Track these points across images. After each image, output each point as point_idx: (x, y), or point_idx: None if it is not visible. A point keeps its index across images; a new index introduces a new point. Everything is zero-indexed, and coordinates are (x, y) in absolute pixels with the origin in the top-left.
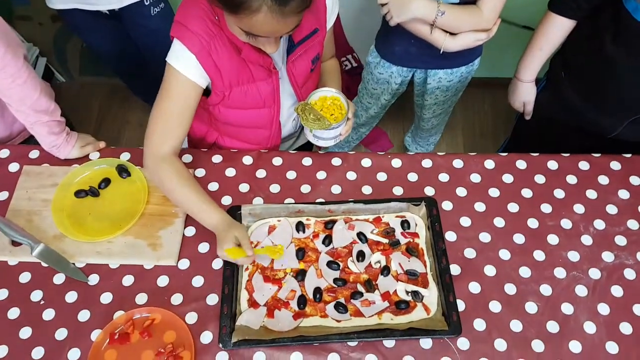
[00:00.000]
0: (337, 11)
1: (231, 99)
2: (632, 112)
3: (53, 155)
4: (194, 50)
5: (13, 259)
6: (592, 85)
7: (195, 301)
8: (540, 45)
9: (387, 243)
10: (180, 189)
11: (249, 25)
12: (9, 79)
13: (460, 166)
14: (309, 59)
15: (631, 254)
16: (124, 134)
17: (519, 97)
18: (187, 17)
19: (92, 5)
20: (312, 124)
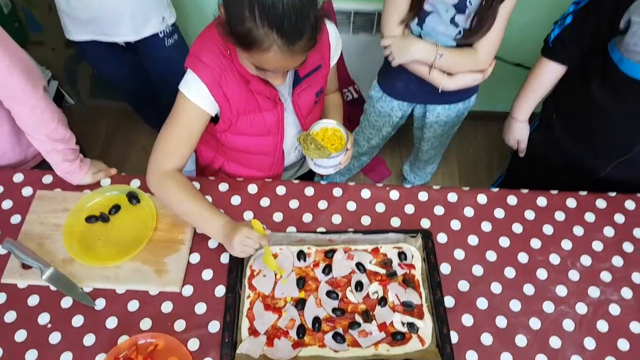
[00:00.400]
0: (340, 50)
1: (238, 126)
2: (619, 155)
3: (66, 180)
4: (205, 81)
5: (23, 282)
6: (581, 128)
7: (198, 328)
8: (533, 87)
9: (384, 274)
10: (184, 201)
11: (259, 61)
12: (28, 109)
13: (454, 200)
14: (313, 92)
15: (616, 289)
16: (130, 158)
17: (512, 134)
18: (201, 50)
19: (110, 37)
20: (313, 152)
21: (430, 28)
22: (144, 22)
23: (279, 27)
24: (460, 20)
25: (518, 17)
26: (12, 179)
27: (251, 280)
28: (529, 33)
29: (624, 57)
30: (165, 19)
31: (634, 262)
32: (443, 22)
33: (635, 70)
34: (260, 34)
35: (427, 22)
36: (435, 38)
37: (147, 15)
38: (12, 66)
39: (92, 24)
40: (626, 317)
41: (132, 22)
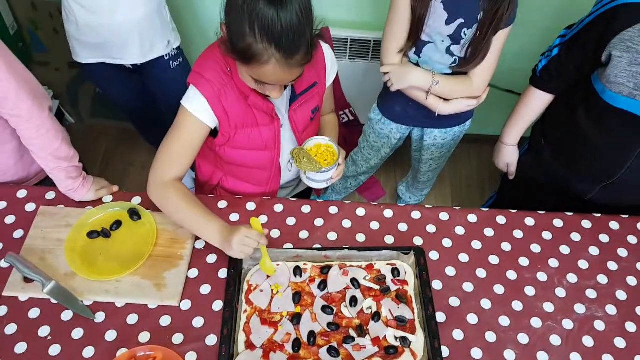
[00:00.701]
0: (335, 71)
1: (236, 140)
2: (604, 179)
3: (69, 197)
4: (206, 95)
5: (24, 295)
6: (568, 154)
7: (195, 341)
8: (522, 114)
9: (378, 289)
10: (183, 209)
11: (258, 74)
12: (33, 129)
13: (446, 219)
14: (309, 109)
15: (601, 306)
16: (128, 176)
17: (502, 158)
18: (203, 67)
19: (117, 60)
20: (305, 166)
21: (427, 57)
22: (150, 46)
23: (278, 42)
24: (456, 50)
25: (509, 45)
26: (15, 194)
27: (248, 295)
28: (519, 61)
29: (605, 88)
30: (171, 43)
31: (618, 280)
32: (439, 52)
33: (617, 100)
34: (259, 48)
35: (425, 52)
36: (432, 66)
37: (154, 39)
38: (20, 87)
39: (101, 48)
40: (611, 333)
41: (139, 47)
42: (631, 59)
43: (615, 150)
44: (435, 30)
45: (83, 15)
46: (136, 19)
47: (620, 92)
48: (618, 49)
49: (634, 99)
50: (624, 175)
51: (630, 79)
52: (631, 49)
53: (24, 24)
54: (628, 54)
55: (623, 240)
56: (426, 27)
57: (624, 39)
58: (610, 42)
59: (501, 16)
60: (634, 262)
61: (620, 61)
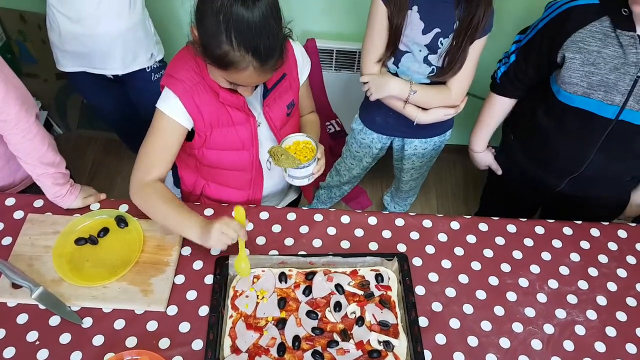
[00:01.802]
0: (308, 66)
1: (212, 140)
2: (569, 173)
3: (56, 204)
4: (178, 94)
5: (12, 301)
6: (534, 150)
7: (182, 346)
8: (487, 121)
9: (362, 295)
10: (162, 207)
11: (234, 78)
12: (20, 134)
13: (429, 226)
14: (284, 104)
15: (581, 311)
16: (116, 186)
17: (479, 164)
18: (174, 69)
19: (99, 70)
20: (284, 162)
21: (405, 67)
22: (133, 58)
23: (255, 50)
24: (433, 59)
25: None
26: (4, 202)
27: (234, 301)
28: None
29: (560, 89)
30: (154, 56)
31: (599, 286)
32: (417, 61)
33: (572, 100)
34: (236, 56)
35: (403, 61)
36: (410, 76)
37: (137, 51)
38: (8, 92)
39: (83, 58)
40: (591, 337)
41: (121, 58)
42: (583, 60)
43: (576, 147)
44: (412, 40)
45: (66, 24)
46: (119, 30)
47: (575, 92)
48: (571, 50)
49: (589, 97)
50: (587, 169)
51: (584, 78)
52: (583, 49)
53: (13, 36)
54: (580, 55)
55: (603, 247)
56: (403, 37)
57: (575, 41)
58: (564, 44)
59: (476, 25)
60: (614, 268)
61: (573, 62)
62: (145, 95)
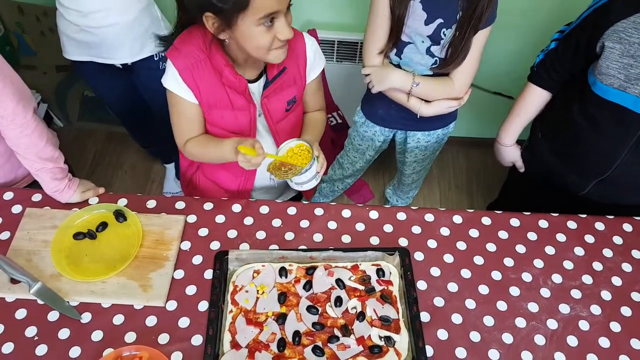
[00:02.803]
0: (321, 65)
1: (210, 117)
2: (597, 175)
3: (55, 199)
4: (177, 66)
5: (11, 296)
6: (563, 148)
7: (181, 341)
8: (518, 112)
9: (363, 290)
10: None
11: (261, 5)
12: (18, 129)
13: (431, 220)
14: (285, 99)
15: (585, 306)
16: (116, 179)
17: (503, 158)
18: (181, 42)
19: (107, 60)
20: (286, 174)
21: (407, 58)
22: (140, 46)
23: None
24: (436, 50)
25: (499, 48)
26: (2, 197)
27: (234, 296)
28: (509, 64)
29: (597, 80)
30: None
31: (603, 281)
32: (419, 53)
33: (608, 93)
34: None
35: (405, 53)
36: (413, 67)
37: (144, 39)
38: (5, 88)
39: (92, 47)
40: (595, 332)
41: (130, 46)
42: (623, 50)
43: (608, 145)
44: (414, 31)
45: (76, 17)
46: (128, 20)
47: (611, 84)
48: (611, 39)
49: (624, 92)
50: (616, 171)
51: (621, 70)
52: (624, 40)
53: (11, 27)
54: (620, 45)
55: (608, 241)
56: (406, 28)
57: (617, 30)
58: (605, 33)
59: (479, 15)
60: (619, 263)
61: (612, 52)
62: (152, 84)
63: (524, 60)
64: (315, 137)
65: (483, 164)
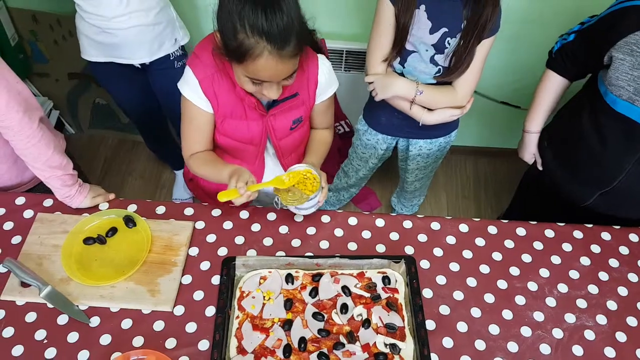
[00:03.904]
0: (333, 89)
1: (224, 127)
2: (603, 185)
3: (66, 204)
4: (198, 76)
5: (21, 299)
6: (569, 157)
7: (188, 346)
8: (540, 100)
9: (369, 297)
10: (203, 170)
11: (253, 70)
12: (24, 140)
13: (437, 228)
14: (291, 118)
15: (591, 316)
16: (126, 184)
17: (527, 148)
18: (201, 50)
19: (126, 60)
20: (292, 201)
21: (411, 66)
22: (159, 45)
23: (268, 34)
24: (440, 59)
25: (506, 59)
26: (14, 201)
27: (240, 302)
28: (514, 74)
29: (608, 90)
30: (178, 41)
31: (609, 290)
32: (423, 61)
33: (617, 104)
34: (251, 43)
35: (409, 61)
36: (416, 76)
37: (162, 38)
38: (11, 100)
39: (112, 48)
40: (601, 342)
41: (149, 47)
42: (633, 63)
43: (614, 156)
44: (419, 40)
45: (98, 21)
46: (147, 23)
47: (620, 96)
48: (622, 51)
49: (633, 104)
50: (621, 183)
51: (631, 82)
52: (635, 52)
53: (25, 36)
54: (631, 58)
55: (614, 251)
56: (410, 36)
57: (629, 42)
58: (616, 44)
59: (484, 25)
60: (626, 273)
61: (622, 64)
62: (167, 83)
63: (531, 70)
64: (320, 158)
65: (491, 173)
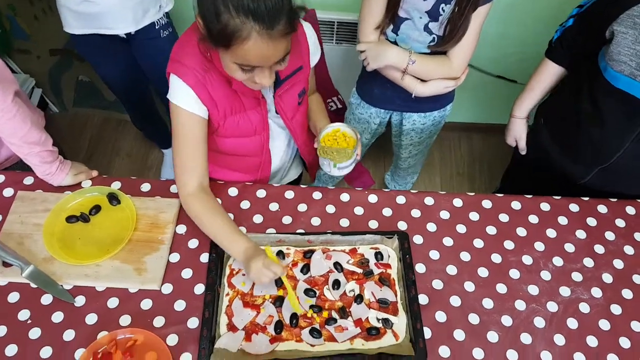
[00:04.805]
0: (319, 52)
1: (225, 128)
2: (600, 162)
3: (47, 182)
4: (190, 83)
5: (3, 279)
6: (566, 134)
7: (176, 324)
8: (532, 86)
9: (361, 273)
10: (209, 223)
11: (242, 55)
12: None
13: (431, 203)
14: (295, 93)
15: (586, 289)
16: (113, 164)
17: (511, 132)
18: (181, 54)
19: (110, 30)
20: (339, 158)
21: (404, 35)
22: (143, 13)
23: (254, 12)
24: (434, 27)
25: (501, 29)
26: None
27: (230, 279)
28: (511, 46)
29: (608, 65)
30: (162, 7)
31: (605, 263)
32: (417, 29)
33: (617, 80)
34: (237, 23)
35: (402, 29)
36: (410, 45)
37: (146, 5)
38: None
39: (94, 19)
40: (596, 315)
41: (133, 15)
42: (636, 37)
43: (613, 133)
44: (412, 6)
45: None
46: None
47: (622, 71)
48: (624, 25)
49: (635, 80)
50: (619, 159)
51: (633, 57)
52: (638, 25)
53: (3, 10)
54: (634, 31)
55: (611, 224)
56: (403, 3)
57: (632, 15)
58: (618, 18)
59: None
60: (622, 245)
61: (624, 38)
62: (152, 52)
63: (528, 42)
64: (326, 119)
65: (485, 150)
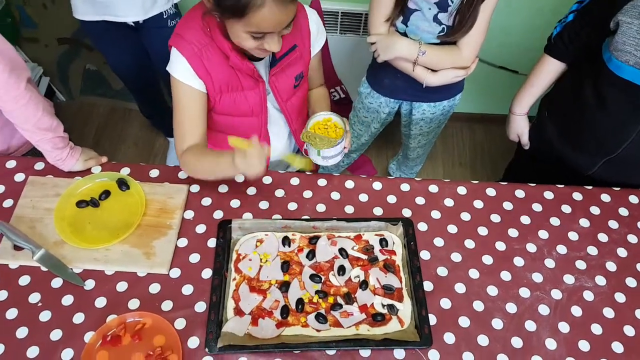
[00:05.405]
0: (323, 38)
1: (221, 104)
2: (606, 153)
3: (57, 167)
4: (186, 55)
5: (14, 263)
6: (571, 125)
7: (184, 308)
8: (532, 82)
9: (366, 259)
10: (200, 163)
11: (256, 23)
12: (12, 100)
13: (435, 191)
14: (292, 75)
15: (590, 277)
16: (119, 153)
17: (512, 129)
18: (183, 28)
19: (120, 18)
20: (320, 145)
21: (414, 26)
22: (152, 3)
23: None
24: (444, 18)
25: (504, 19)
26: (4, 165)
27: (237, 264)
28: (514, 36)
29: (612, 56)
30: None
31: (608, 252)
32: (427, 20)
33: (622, 70)
34: None
35: (412, 20)
36: (420, 35)
37: None
38: None
39: (105, 6)
40: (600, 303)
41: (142, 3)
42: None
43: (618, 123)
44: None
45: None
46: None
47: (627, 61)
48: (629, 15)
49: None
50: (626, 150)
51: (638, 47)
52: None
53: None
54: (639, 21)
55: (614, 212)
56: None
57: (637, 5)
58: (623, 8)
59: None
60: (625, 234)
61: (629, 28)
62: (160, 41)
63: (532, 32)
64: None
65: (488, 140)
